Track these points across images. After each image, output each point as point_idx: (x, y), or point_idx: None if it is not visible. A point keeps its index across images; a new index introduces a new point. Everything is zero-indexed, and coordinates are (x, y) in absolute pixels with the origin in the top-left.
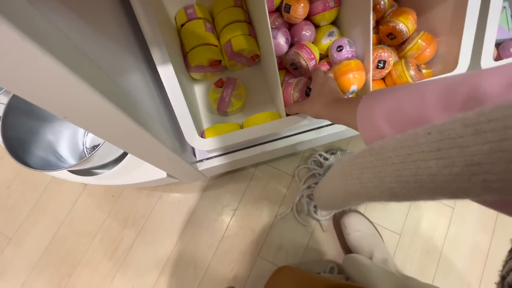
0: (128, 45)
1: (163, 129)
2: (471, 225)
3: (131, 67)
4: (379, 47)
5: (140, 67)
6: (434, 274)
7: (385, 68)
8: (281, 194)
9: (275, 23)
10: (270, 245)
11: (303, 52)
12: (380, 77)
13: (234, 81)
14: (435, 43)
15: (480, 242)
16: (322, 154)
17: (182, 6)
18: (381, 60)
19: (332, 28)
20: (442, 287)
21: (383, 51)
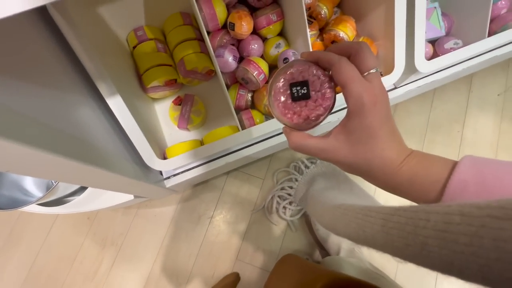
0: (71, 85)
1: (120, 157)
2: None
3: (77, 107)
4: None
5: (88, 102)
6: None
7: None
8: (254, 198)
9: (222, 41)
10: (247, 247)
11: (251, 67)
12: None
13: (191, 98)
14: (374, 47)
15: None
16: (304, 162)
17: (132, 28)
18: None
19: (279, 40)
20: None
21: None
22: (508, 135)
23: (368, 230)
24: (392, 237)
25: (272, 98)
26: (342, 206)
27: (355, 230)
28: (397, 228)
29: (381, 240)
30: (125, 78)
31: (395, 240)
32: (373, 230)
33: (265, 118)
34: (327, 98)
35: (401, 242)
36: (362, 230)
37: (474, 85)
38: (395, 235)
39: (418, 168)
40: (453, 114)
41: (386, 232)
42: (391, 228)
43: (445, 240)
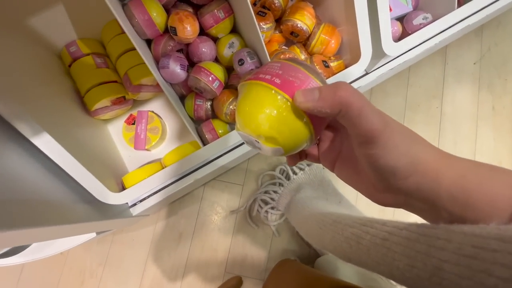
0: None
1: (68, 201)
2: None
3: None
4: (281, 51)
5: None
6: None
7: None
8: (235, 206)
9: (167, 48)
10: (234, 259)
11: (202, 75)
12: None
13: (146, 115)
14: (338, 33)
15: None
16: (292, 168)
17: (64, 44)
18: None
19: (232, 39)
20: None
21: (287, 54)
22: (487, 104)
23: (364, 243)
24: (394, 255)
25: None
26: (334, 214)
27: (346, 241)
28: (404, 245)
29: (377, 256)
30: (61, 106)
31: (397, 259)
32: (370, 243)
33: (229, 127)
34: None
35: (404, 261)
36: (356, 242)
37: (449, 56)
38: (398, 253)
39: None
40: (430, 89)
41: (387, 247)
42: (396, 244)
43: (471, 268)
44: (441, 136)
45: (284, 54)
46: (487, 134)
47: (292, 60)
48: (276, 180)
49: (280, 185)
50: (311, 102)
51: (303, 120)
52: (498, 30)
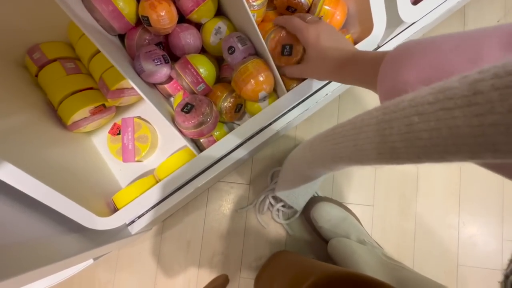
0: None
1: (53, 235)
2: (438, 177)
3: None
4: (277, 29)
5: None
6: (414, 232)
7: (293, 54)
8: (243, 210)
9: (142, 42)
10: (248, 263)
11: (187, 73)
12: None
13: (131, 122)
14: (343, 2)
15: (450, 184)
16: None
17: (25, 51)
18: (286, 45)
19: (218, 23)
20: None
21: (285, 32)
22: None
23: (338, 138)
24: (366, 133)
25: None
26: (331, 128)
27: (370, 138)
28: (369, 142)
29: (367, 149)
30: (28, 125)
31: (367, 149)
32: (346, 133)
33: (226, 128)
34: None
35: (374, 152)
36: (382, 135)
37: (468, 16)
38: (371, 130)
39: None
40: None
41: (359, 148)
42: (368, 126)
43: (409, 140)
44: None
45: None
46: None
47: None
48: None
49: None
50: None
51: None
52: None
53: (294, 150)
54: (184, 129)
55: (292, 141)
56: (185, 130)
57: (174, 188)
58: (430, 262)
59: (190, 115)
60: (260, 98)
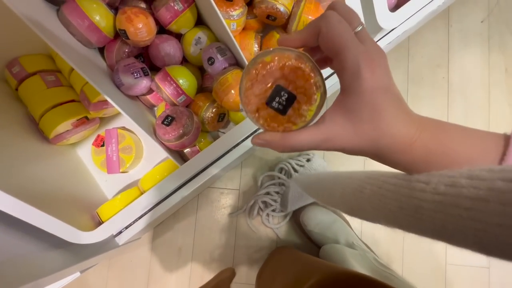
0: None
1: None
2: None
3: None
4: (250, 41)
5: None
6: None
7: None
8: (233, 214)
9: (121, 55)
10: (240, 267)
11: (166, 85)
12: None
13: (115, 133)
14: (322, 10)
15: None
16: (291, 164)
17: (4, 65)
18: (282, 89)
19: (198, 33)
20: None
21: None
22: (499, 67)
23: (366, 192)
24: (386, 200)
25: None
26: (346, 172)
27: (353, 192)
28: (393, 191)
29: (375, 202)
30: (7, 140)
31: (389, 203)
32: (370, 192)
33: (209, 137)
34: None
35: (394, 204)
36: (360, 192)
37: (453, 17)
38: (389, 197)
39: (433, 145)
40: (434, 58)
41: (382, 194)
42: (387, 190)
43: (442, 203)
44: (450, 109)
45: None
46: (501, 101)
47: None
48: (277, 180)
49: (281, 185)
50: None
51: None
52: None
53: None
54: (166, 142)
55: None
56: (167, 143)
57: (159, 199)
58: (418, 261)
59: (170, 128)
60: (240, 108)
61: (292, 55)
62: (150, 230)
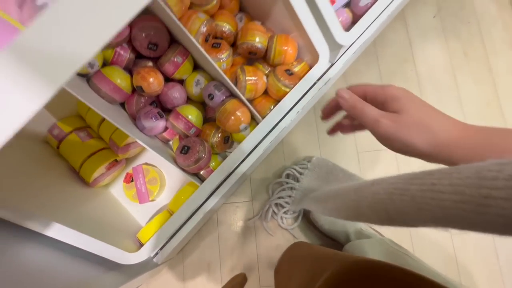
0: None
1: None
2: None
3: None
4: (239, 73)
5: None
6: None
7: (258, 90)
8: (250, 221)
9: (139, 105)
10: (266, 271)
11: (179, 122)
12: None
13: (140, 169)
14: (292, 40)
15: None
16: (295, 168)
17: (46, 130)
18: (252, 82)
19: (196, 76)
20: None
21: (248, 76)
22: (458, 52)
23: (408, 193)
24: (443, 195)
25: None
26: (369, 180)
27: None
28: (455, 184)
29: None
30: (61, 189)
31: (446, 198)
32: (415, 192)
33: (219, 157)
34: None
35: (453, 198)
36: (400, 195)
37: (408, 17)
38: (448, 192)
39: (483, 137)
40: (400, 55)
41: (437, 190)
42: (445, 185)
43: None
44: (424, 97)
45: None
46: (466, 81)
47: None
48: (285, 186)
49: (291, 189)
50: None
51: None
52: None
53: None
54: (186, 167)
55: (281, 155)
56: (187, 168)
57: (186, 217)
58: (428, 248)
59: (188, 155)
60: (241, 129)
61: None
62: (180, 252)
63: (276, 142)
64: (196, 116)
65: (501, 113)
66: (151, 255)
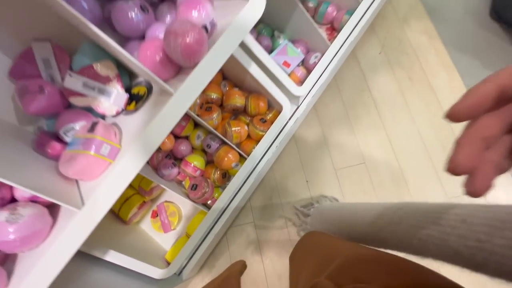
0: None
1: None
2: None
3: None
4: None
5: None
6: None
7: (242, 136)
8: (254, 239)
9: (158, 159)
10: (281, 274)
11: (188, 168)
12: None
13: (162, 206)
14: (263, 97)
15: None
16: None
17: None
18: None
19: (197, 132)
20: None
21: (233, 128)
22: (404, 78)
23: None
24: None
25: None
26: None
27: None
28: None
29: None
30: (112, 228)
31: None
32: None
33: (220, 189)
34: None
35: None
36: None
37: (359, 56)
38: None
39: None
40: (357, 86)
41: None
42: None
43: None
44: (382, 117)
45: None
46: (415, 99)
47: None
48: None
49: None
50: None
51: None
52: (384, 21)
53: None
54: (196, 200)
55: (272, 180)
56: (196, 200)
57: (201, 237)
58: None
59: (197, 191)
60: (233, 166)
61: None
62: (199, 270)
63: (265, 171)
64: (200, 162)
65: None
66: (176, 273)
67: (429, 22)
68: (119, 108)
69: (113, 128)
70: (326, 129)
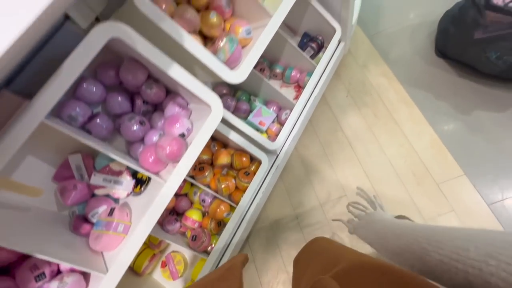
0: None
1: None
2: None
3: None
4: (217, 182)
5: None
6: None
7: (231, 189)
8: (266, 259)
9: (163, 216)
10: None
11: (188, 221)
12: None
13: (170, 256)
14: (245, 153)
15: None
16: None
17: None
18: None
19: (194, 190)
20: None
21: (222, 182)
22: (370, 115)
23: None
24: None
25: None
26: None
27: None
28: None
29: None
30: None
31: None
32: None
33: (217, 236)
34: None
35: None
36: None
37: (329, 101)
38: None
39: None
40: (331, 127)
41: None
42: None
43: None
44: (356, 152)
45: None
46: (381, 133)
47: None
48: None
49: None
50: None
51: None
52: (347, 68)
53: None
54: (196, 248)
55: (266, 221)
56: (197, 249)
57: None
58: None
59: (196, 241)
60: (225, 216)
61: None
62: None
63: (257, 213)
64: (197, 215)
65: (413, 150)
66: None
67: (385, 65)
68: (129, 192)
69: (125, 210)
70: (308, 168)
